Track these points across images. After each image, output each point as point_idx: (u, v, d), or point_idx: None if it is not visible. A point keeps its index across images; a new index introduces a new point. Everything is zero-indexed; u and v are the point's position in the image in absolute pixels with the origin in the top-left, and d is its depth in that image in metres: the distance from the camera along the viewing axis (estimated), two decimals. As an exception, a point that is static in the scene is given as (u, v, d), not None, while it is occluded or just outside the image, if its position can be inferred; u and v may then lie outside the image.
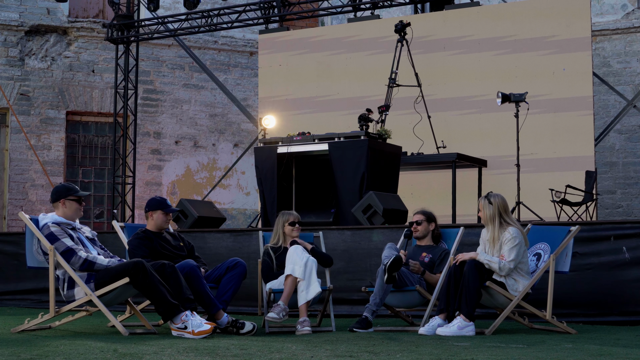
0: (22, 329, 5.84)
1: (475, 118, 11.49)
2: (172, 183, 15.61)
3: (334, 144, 8.95)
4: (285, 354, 4.48)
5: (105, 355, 4.32)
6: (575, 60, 11.00)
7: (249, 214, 15.78)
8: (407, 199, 9.20)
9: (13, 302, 9.21)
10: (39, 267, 5.95)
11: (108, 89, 15.18)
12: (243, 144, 15.90)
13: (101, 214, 15.26)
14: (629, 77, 14.76)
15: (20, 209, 14.12)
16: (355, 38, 12.47)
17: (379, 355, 4.41)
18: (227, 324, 5.75)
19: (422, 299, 6.20)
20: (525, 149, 10.32)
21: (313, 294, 5.94)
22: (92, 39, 15.24)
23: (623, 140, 14.78)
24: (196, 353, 4.46)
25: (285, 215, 6.55)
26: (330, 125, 11.27)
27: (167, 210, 6.30)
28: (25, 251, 5.92)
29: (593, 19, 13.01)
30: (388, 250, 6.08)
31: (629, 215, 14.56)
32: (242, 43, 16.09)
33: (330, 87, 12.58)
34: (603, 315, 6.72)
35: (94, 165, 15.42)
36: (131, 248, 6.16)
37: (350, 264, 7.67)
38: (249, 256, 7.73)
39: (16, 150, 14.64)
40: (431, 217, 6.55)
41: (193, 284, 5.76)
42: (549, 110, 11.02)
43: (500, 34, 11.49)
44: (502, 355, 4.41)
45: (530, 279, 5.88)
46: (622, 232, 6.78)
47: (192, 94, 15.87)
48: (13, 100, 14.63)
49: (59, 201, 5.91)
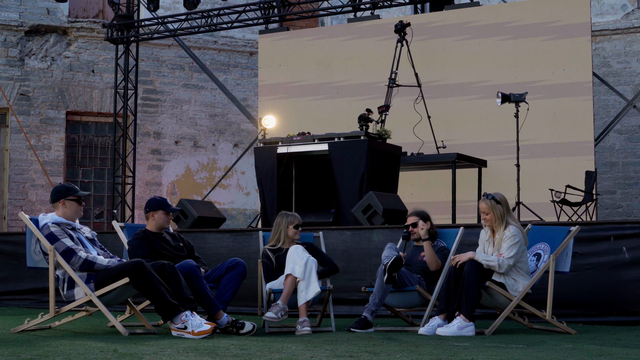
0: (22, 329, 5.84)
1: (475, 118, 11.49)
2: (172, 183, 15.61)
3: (334, 144, 8.95)
4: (285, 354, 4.49)
5: (105, 356, 4.32)
6: (575, 61, 11.01)
7: (248, 214, 15.78)
8: (407, 199, 9.20)
9: (13, 302, 9.20)
10: (38, 267, 5.95)
11: (108, 89, 15.18)
12: (243, 144, 15.90)
13: (101, 214, 15.26)
14: (628, 77, 14.76)
15: (20, 209, 14.12)
16: (355, 38, 12.47)
17: (379, 356, 4.41)
18: (227, 324, 5.75)
19: (422, 299, 6.20)
20: (525, 149, 10.32)
21: (313, 294, 5.93)
22: (92, 39, 15.24)
23: (623, 140, 14.78)
24: (196, 353, 4.46)
25: (290, 217, 6.47)
26: (330, 126, 11.28)
27: (168, 210, 6.29)
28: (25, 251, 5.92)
29: (593, 19, 13.01)
30: (388, 251, 6.08)
31: (628, 215, 14.56)
32: (242, 43, 16.09)
33: (330, 87, 12.58)
34: (603, 315, 6.72)
35: (94, 165, 15.42)
36: (131, 248, 6.16)
37: (350, 264, 7.67)
38: (248, 256, 7.73)
39: (16, 150, 14.64)
40: (425, 217, 6.53)
41: (193, 284, 5.76)
42: (549, 111, 11.02)
43: (500, 34, 11.49)
44: (502, 356, 4.41)
45: (530, 279, 5.88)
46: (622, 232, 6.78)
47: (192, 94, 15.87)
48: (13, 101, 14.63)
49: (59, 201, 5.91)
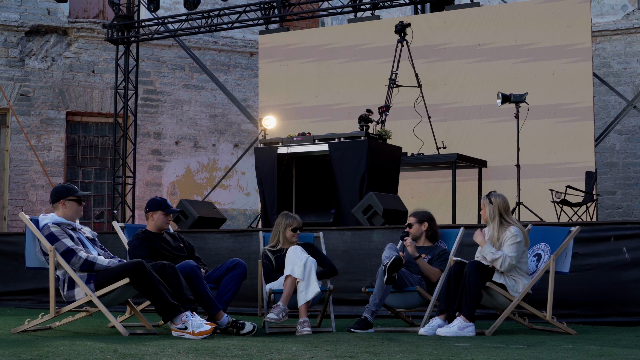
0: (22, 329, 5.84)
1: (475, 118, 11.48)
2: (172, 183, 15.61)
3: (334, 144, 8.95)
4: (285, 354, 4.48)
5: (106, 356, 4.32)
6: (575, 62, 11.00)
7: (249, 215, 15.78)
8: (407, 200, 9.21)
9: (13, 302, 9.20)
10: (38, 268, 5.95)
11: (108, 90, 15.18)
12: (243, 145, 15.90)
13: (101, 215, 15.26)
14: (629, 78, 14.76)
15: (20, 209, 14.12)
16: (355, 38, 12.47)
17: (379, 356, 4.41)
18: (227, 325, 5.75)
19: (422, 300, 6.20)
20: (525, 150, 10.31)
21: (312, 294, 5.93)
22: (92, 40, 15.24)
23: (623, 140, 14.77)
24: (196, 354, 4.46)
25: (289, 219, 6.44)
26: (331, 126, 11.28)
27: (168, 210, 6.29)
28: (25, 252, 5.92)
29: (593, 19, 13.00)
30: (388, 251, 6.08)
31: (629, 215, 14.56)
32: (242, 44, 16.09)
33: (330, 87, 12.57)
34: (603, 315, 6.72)
35: (94, 165, 15.42)
36: (131, 248, 6.16)
37: (351, 264, 7.67)
38: (249, 257, 7.73)
39: (16, 150, 14.64)
40: (422, 218, 6.50)
41: (193, 284, 5.76)
42: (549, 111, 11.01)
43: (500, 35, 11.49)
44: (502, 356, 4.41)
45: (530, 280, 5.88)
46: (622, 232, 6.78)
47: (192, 95, 15.87)
48: (13, 101, 14.63)
49: (59, 202, 5.91)
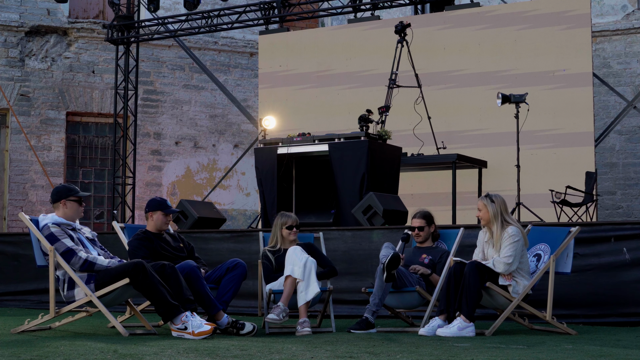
0: (22, 329, 5.84)
1: (475, 118, 11.49)
2: (172, 184, 15.61)
3: (334, 144, 8.95)
4: (285, 354, 4.48)
5: (106, 356, 4.32)
6: (575, 62, 11.01)
7: (249, 215, 15.78)
8: (407, 200, 9.20)
9: (13, 302, 9.19)
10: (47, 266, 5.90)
11: (108, 90, 15.18)
12: (243, 145, 15.90)
13: (101, 215, 15.26)
14: (629, 78, 14.76)
15: (20, 209, 14.12)
16: (355, 38, 12.46)
17: (379, 356, 4.41)
18: (227, 325, 5.75)
19: (422, 300, 6.20)
20: (525, 149, 10.31)
21: (312, 295, 5.93)
22: (92, 40, 15.24)
23: (623, 141, 14.78)
24: (196, 354, 4.46)
25: (284, 217, 6.47)
26: (331, 126, 11.28)
27: (167, 211, 6.29)
28: (27, 252, 5.92)
29: (593, 19, 13.01)
30: (385, 250, 6.07)
31: (629, 216, 14.56)
32: (242, 44, 16.09)
33: (330, 87, 12.58)
34: (603, 316, 6.71)
35: (94, 166, 15.42)
36: (131, 249, 6.16)
37: (351, 264, 7.67)
38: (249, 257, 7.72)
39: (16, 150, 14.64)
40: (431, 220, 6.53)
41: (193, 284, 5.76)
42: (549, 111, 11.01)
43: (500, 35, 11.49)
44: (502, 356, 4.41)
45: (530, 280, 5.88)
46: (622, 233, 6.78)
47: (192, 95, 15.87)
48: (13, 101, 14.63)
49: (59, 202, 5.91)
